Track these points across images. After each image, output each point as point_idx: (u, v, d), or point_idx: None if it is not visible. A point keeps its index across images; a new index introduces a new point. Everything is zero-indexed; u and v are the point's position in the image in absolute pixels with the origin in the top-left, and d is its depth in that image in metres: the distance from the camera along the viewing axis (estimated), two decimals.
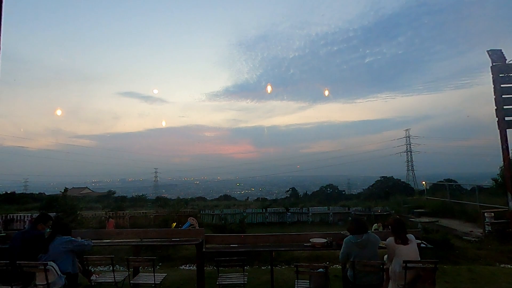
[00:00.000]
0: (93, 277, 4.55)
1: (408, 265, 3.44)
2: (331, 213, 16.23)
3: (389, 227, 3.91)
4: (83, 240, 4.24)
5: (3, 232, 5.53)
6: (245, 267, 4.34)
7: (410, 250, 3.59)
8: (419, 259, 3.63)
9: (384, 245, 3.78)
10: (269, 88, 9.21)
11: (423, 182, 21.29)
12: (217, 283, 4.23)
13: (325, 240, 4.90)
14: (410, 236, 3.70)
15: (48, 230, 4.17)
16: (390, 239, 3.70)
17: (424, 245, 4.74)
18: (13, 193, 30.24)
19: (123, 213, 15.80)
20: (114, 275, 4.28)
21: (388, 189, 24.64)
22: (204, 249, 5.10)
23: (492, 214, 9.86)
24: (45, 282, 3.60)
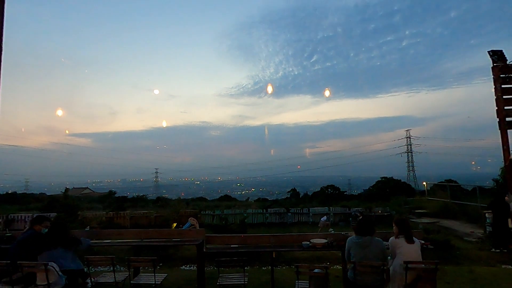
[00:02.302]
0: (88, 281, 4.47)
1: (409, 265, 3.43)
2: (331, 214, 16.21)
3: (394, 228, 3.98)
4: (83, 238, 4.32)
5: (8, 232, 5.55)
6: (246, 268, 4.34)
7: (413, 249, 3.62)
8: (421, 259, 3.64)
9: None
10: (270, 89, 9.19)
11: (424, 183, 21.26)
12: (218, 283, 4.23)
13: (326, 241, 4.90)
14: (415, 239, 3.76)
15: (45, 230, 4.22)
16: (392, 237, 3.79)
17: (425, 246, 4.73)
18: (14, 193, 30.35)
19: (124, 213, 15.80)
20: (114, 275, 4.28)
21: (389, 189, 24.61)
22: (204, 250, 5.10)
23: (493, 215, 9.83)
24: (46, 282, 3.61)
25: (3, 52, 1.54)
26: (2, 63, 1.54)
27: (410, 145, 60.84)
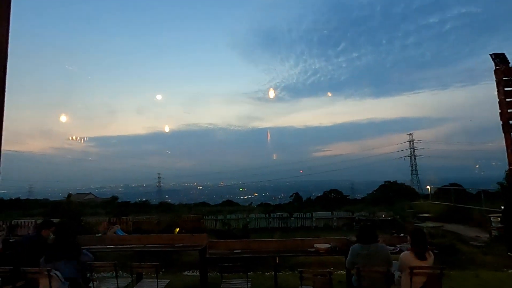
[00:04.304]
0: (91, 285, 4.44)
1: (414, 271, 3.39)
2: (335, 218, 16.11)
3: (408, 237, 3.70)
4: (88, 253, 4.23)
5: (11, 238, 5.55)
6: (249, 273, 4.32)
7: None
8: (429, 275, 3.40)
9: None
10: (271, 93, 9.21)
11: (428, 187, 21.13)
12: None
13: (329, 246, 4.87)
14: (431, 254, 3.47)
15: (52, 236, 4.20)
16: (406, 253, 3.49)
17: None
18: (18, 199, 30.48)
19: (127, 219, 15.80)
20: (117, 281, 4.27)
21: (393, 193, 24.46)
22: (207, 255, 5.08)
23: (498, 218, 9.74)
24: None
25: (8, 57, 1.57)
26: (7, 69, 1.56)
27: (413, 148, 60.67)
